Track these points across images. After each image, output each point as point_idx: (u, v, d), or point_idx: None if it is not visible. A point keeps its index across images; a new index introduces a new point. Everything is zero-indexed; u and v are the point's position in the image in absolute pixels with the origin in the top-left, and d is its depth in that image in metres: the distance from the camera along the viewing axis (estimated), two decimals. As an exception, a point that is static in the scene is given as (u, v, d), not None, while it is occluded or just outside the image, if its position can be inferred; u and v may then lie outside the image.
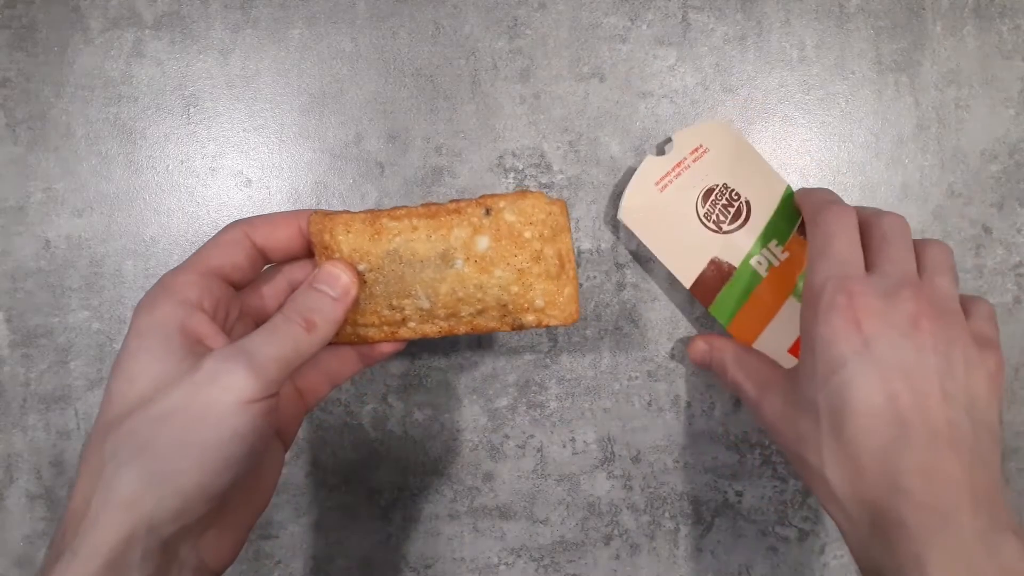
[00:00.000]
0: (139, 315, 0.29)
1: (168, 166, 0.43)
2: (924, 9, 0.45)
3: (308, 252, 0.34)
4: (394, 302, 0.33)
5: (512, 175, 0.44)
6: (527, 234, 0.31)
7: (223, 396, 0.26)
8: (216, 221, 0.43)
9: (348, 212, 0.32)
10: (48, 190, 0.43)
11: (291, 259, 0.34)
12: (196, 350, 0.28)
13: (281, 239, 0.32)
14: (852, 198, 0.44)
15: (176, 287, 0.29)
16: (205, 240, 0.32)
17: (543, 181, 0.44)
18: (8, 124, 0.43)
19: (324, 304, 0.31)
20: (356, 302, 0.32)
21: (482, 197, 0.32)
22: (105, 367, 0.42)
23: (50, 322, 0.42)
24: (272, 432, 0.30)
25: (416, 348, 0.43)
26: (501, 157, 0.44)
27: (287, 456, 0.39)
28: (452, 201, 0.32)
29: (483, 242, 0.31)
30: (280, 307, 0.31)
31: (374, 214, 0.32)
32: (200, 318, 0.29)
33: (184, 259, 0.32)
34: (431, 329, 0.34)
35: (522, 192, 0.32)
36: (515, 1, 0.44)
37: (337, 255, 0.32)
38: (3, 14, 0.43)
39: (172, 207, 0.43)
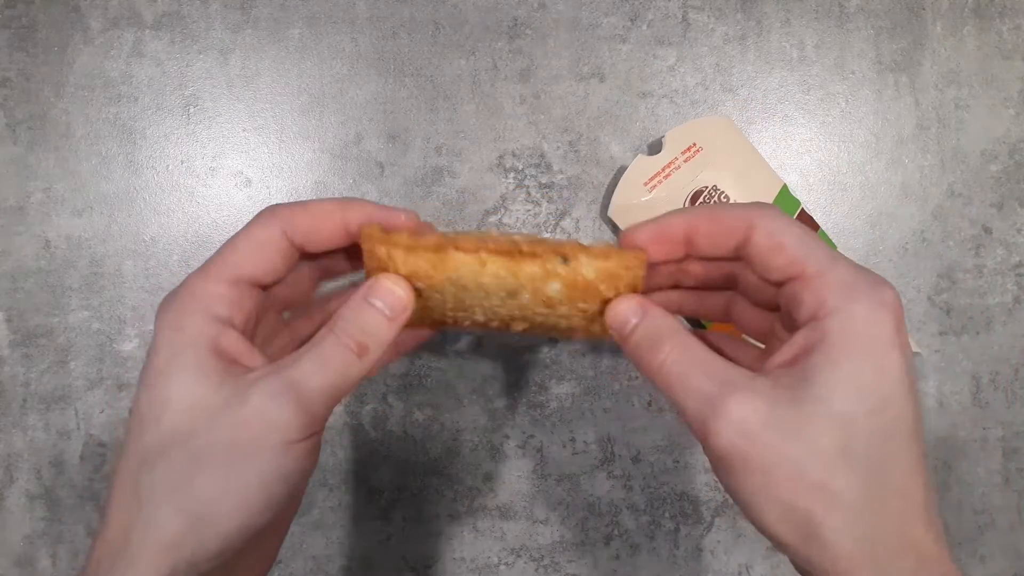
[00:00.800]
0: (165, 330, 0.26)
1: (168, 166, 0.43)
2: (924, 9, 0.45)
3: (349, 245, 0.31)
4: (448, 314, 0.31)
5: (512, 175, 0.44)
6: (602, 287, 0.30)
7: (270, 437, 0.25)
8: (216, 221, 0.43)
9: (409, 235, 0.29)
10: (48, 190, 0.43)
11: (331, 252, 0.31)
12: (232, 371, 0.26)
13: (323, 236, 0.29)
14: (852, 198, 0.44)
15: (205, 299, 0.27)
16: (207, 241, 0.32)
17: (543, 181, 0.44)
18: (8, 124, 0.43)
19: (378, 324, 0.28)
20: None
21: (562, 244, 0.29)
22: (105, 367, 0.42)
23: (50, 322, 0.42)
24: (315, 465, 0.28)
25: (417, 348, 0.43)
26: (501, 157, 0.44)
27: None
28: (527, 239, 0.29)
29: (554, 287, 0.29)
30: (322, 313, 0.29)
31: (441, 243, 0.29)
32: (232, 336, 0.27)
33: (189, 256, 0.31)
34: (479, 327, 0.32)
35: (606, 250, 0.29)
36: (515, 1, 0.44)
37: (392, 271, 0.29)
38: (3, 14, 0.43)
39: (172, 207, 0.43)
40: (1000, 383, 0.44)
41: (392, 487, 0.43)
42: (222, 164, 0.43)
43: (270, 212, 0.29)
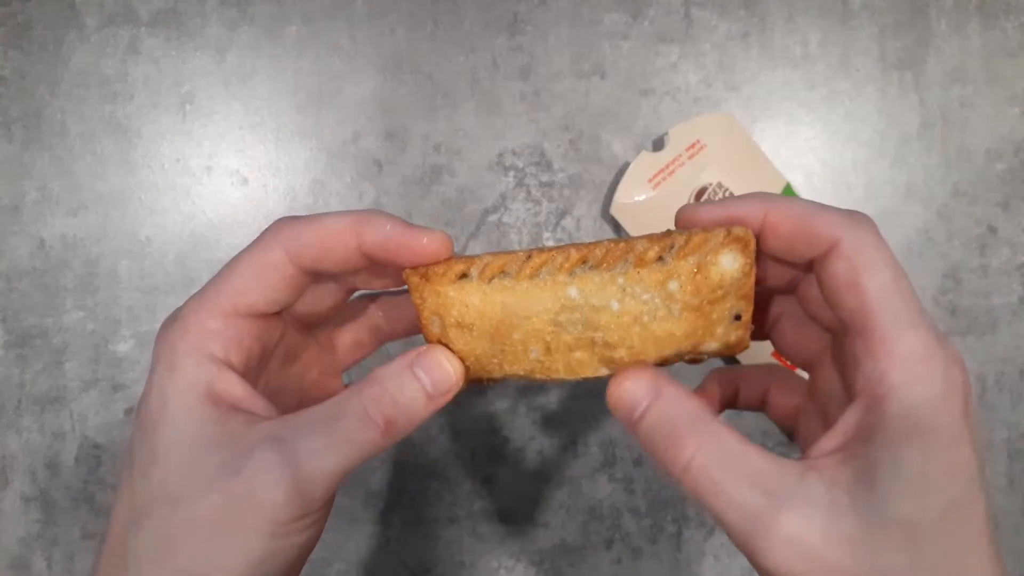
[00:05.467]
0: (159, 367, 0.24)
1: (164, 165, 0.43)
2: (928, 6, 0.44)
3: (368, 264, 0.27)
4: (495, 365, 0.27)
5: (512, 173, 0.43)
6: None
7: (256, 517, 0.22)
8: (212, 220, 0.42)
9: (452, 270, 0.25)
10: (43, 189, 0.42)
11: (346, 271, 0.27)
12: (230, 423, 0.24)
13: (335, 258, 0.25)
14: (857, 197, 0.44)
15: (200, 336, 0.24)
16: (203, 240, 0.31)
17: (543, 179, 0.43)
18: (3, 122, 0.42)
19: (415, 401, 0.24)
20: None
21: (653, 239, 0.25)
22: (100, 368, 0.42)
23: (45, 323, 0.42)
24: (318, 537, 0.25)
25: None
26: (501, 155, 0.43)
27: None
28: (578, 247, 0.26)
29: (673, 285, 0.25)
30: (361, 322, 0.26)
31: (497, 267, 0.25)
32: (230, 380, 0.24)
33: (185, 256, 0.30)
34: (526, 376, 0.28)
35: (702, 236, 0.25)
36: (515, -2, 0.43)
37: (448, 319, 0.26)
38: (-3, 11, 0.42)
39: (168, 206, 0.42)
40: (1005, 384, 0.44)
41: (391, 490, 0.43)
42: (218, 163, 0.43)
43: (274, 231, 0.25)
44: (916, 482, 0.21)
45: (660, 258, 0.25)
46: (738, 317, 0.25)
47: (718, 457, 0.22)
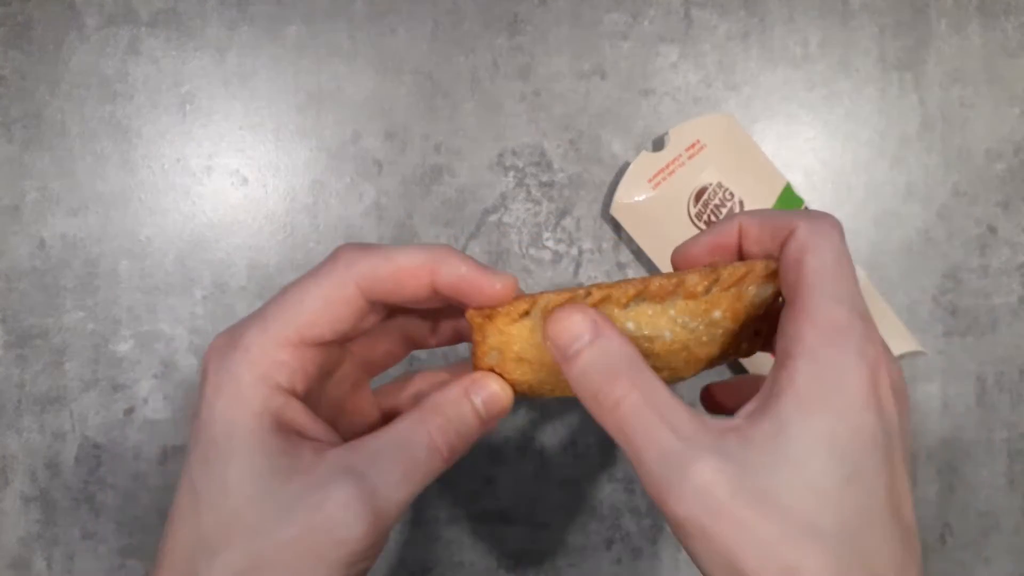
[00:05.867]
0: (223, 391, 0.24)
1: (164, 165, 0.43)
2: (928, 6, 0.44)
3: (435, 300, 0.27)
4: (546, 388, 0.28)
5: (512, 173, 0.43)
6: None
7: (339, 549, 0.23)
8: (212, 220, 0.42)
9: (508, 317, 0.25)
10: (43, 189, 0.42)
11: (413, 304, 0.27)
12: (299, 450, 0.24)
13: (406, 294, 0.25)
14: (857, 197, 0.44)
15: (266, 364, 0.24)
16: (203, 240, 0.31)
17: (543, 179, 0.43)
18: (3, 123, 0.42)
19: (471, 427, 0.26)
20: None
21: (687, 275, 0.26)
22: (100, 368, 0.42)
23: (45, 323, 0.42)
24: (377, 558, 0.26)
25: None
26: (501, 155, 0.43)
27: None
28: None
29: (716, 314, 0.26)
30: (414, 399, 0.26)
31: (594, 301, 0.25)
32: (296, 409, 0.25)
33: (185, 256, 0.30)
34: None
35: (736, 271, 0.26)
36: (515, -2, 0.43)
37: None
38: (-3, 11, 0.42)
39: (168, 206, 0.42)
40: (1005, 384, 0.44)
41: (391, 489, 0.43)
42: (218, 163, 0.43)
43: (346, 264, 0.25)
44: (822, 442, 0.21)
45: (707, 290, 0.26)
46: (757, 333, 0.27)
47: (650, 400, 0.23)
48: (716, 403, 0.32)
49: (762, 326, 0.27)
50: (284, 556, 0.23)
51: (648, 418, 0.22)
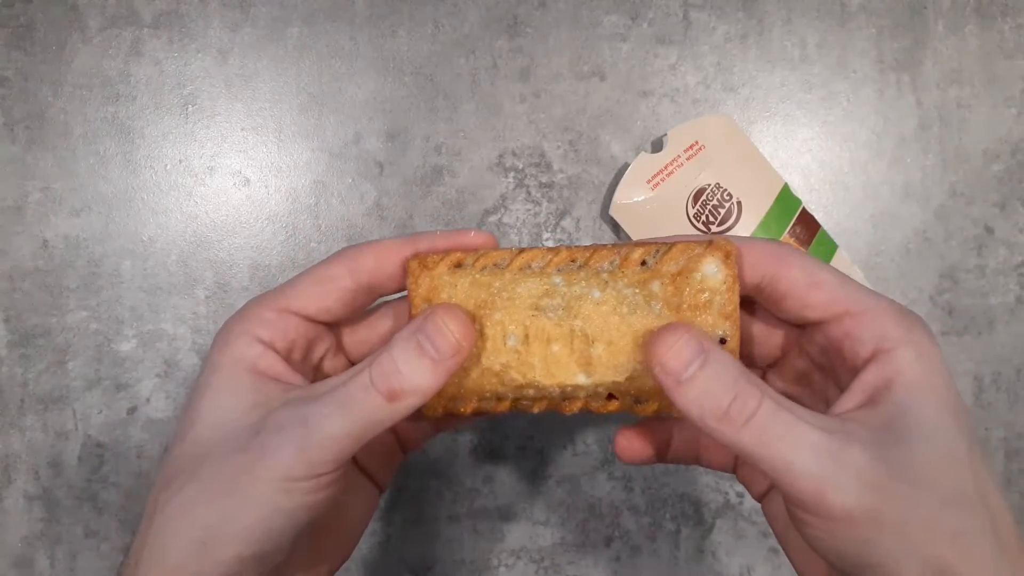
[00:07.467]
0: (215, 348, 0.27)
1: (166, 165, 0.43)
2: (926, 8, 0.44)
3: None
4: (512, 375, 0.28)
5: (512, 174, 0.43)
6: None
7: (267, 473, 0.24)
8: (214, 221, 0.43)
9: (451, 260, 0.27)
10: (46, 190, 0.42)
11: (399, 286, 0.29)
12: (268, 389, 0.26)
13: (388, 272, 0.28)
14: (854, 198, 0.44)
15: (252, 321, 0.27)
16: (205, 240, 0.32)
17: (543, 180, 0.43)
18: (6, 123, 0.42)
19: (419, 368, 0.25)
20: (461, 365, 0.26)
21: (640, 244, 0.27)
22: (103, 367, 0.42)
23: (48, 322, 0.42)
24: (331, 502, 0.26)
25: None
26: (501, 156, 0.43)
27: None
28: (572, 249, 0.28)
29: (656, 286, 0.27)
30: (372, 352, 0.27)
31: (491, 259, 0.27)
32: (271, 359, 0.27)
33: (187, 256, 0.31)
34: (540, 405, 0.28)
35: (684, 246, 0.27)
36: None
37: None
38: (1, 13, 0.43)
39: (170, 206, 0.43)
40: (1002, 384, 0.44)
41: (391, 488, 0.43)
42: (220, 163, 0.43)
43: (338, 253, 0.28)
44: (943, 416, 0.23)
45: (643, 262, 0.27)
46: (723, 341, 0.26)
47: (781, 403, 0.23)
48: (633, 449, 0.31)
49: (732, 333, 0.26)
50: (224, 480, 0.25)
51: (788, 419, 0.23)
